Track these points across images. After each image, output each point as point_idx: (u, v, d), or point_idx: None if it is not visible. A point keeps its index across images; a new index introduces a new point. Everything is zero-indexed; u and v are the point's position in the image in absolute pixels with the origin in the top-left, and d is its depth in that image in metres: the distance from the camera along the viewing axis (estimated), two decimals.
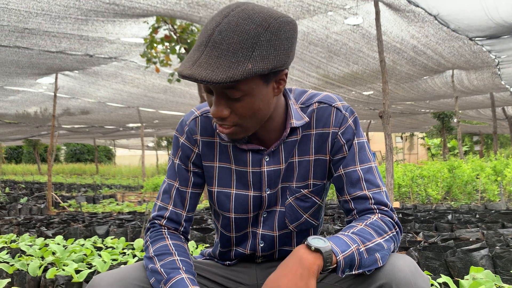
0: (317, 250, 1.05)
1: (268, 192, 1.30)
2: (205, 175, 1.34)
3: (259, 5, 1.09)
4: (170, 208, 1.32)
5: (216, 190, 1.33)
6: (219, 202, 1.33)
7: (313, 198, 1.31)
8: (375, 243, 1.12)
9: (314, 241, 1.07)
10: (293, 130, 1.26)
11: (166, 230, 1.31)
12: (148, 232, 1.32)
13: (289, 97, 1.27)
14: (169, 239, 1.28)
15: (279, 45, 1.06)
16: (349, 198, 1.24)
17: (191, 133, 1.31)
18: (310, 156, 1.28)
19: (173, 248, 1.25)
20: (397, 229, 1.21)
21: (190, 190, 1.33)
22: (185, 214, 1.33)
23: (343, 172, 1.25)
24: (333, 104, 1.26)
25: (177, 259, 1.22)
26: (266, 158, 1.27)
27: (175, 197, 1.32)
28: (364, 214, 1.23)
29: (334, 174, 1.28)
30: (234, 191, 1.31)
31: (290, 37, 1.08)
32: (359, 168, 1.24)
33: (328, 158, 1.28)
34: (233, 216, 1.33)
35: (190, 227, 4.16)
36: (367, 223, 1.17)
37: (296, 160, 1.29)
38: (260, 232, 1.34)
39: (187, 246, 1.33)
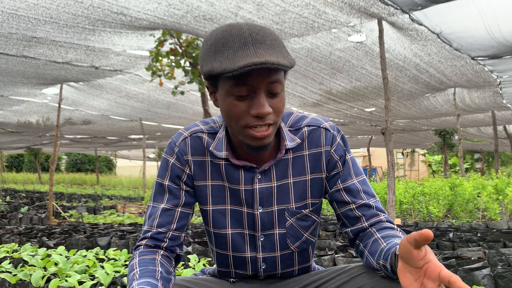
0: None
1: (260, 211, 1.32)
2: (197, 195, 1.34)
3: None
4: (153, 229, 1.30)
5: (210, 208, 1.34)
6: (215, 219, 1.34)
7: (313, 217, 1.36)
8: None
9: None
10: (285, 151, 1.31)
11: (141, 249, 1.29)
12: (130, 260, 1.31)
13: None
14: (137, 257, 1.25)
15: None
16: (354, 206, 1.31)
17: (181, 154, 1.31)
18: (306, 176, 1.33)
19: (137, 264, 1.22)
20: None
21: (180, 209, 1.32)
22: (170, 232, 1.30)
23: (341, 186, 1.32)
24: (321, 125, 1.34)
25: (136, 271, 1.19)
26: (258, 176, 1.30)
27: (160, 217, 1.30)
28: (376, 222, 1.30)
29: (331, 190, 1.33)
30: (229, 207, 1.33)
31: None
32: (356, 181, 1.32)
33: (324, 175, 1.34)
34: (229, 232, 1.34)
35: (193, 241, 4.16)
36: (399, 232, 1.25)
37: (291, 181, 1.33)
38: (261, 256, 1.36)
39: (160, 256, 1.27)
